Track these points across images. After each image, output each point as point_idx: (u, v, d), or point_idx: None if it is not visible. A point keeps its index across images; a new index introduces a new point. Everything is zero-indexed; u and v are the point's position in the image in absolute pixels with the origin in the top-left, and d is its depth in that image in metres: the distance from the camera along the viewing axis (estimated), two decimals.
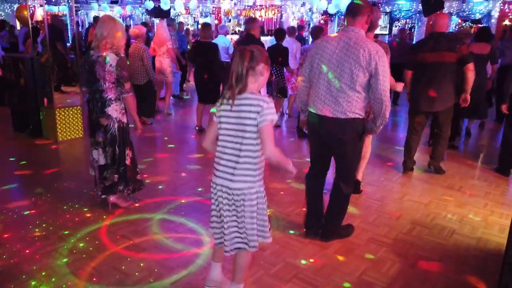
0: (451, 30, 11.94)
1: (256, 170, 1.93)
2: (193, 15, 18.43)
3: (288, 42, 6.59)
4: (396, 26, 13.57)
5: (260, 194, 1.97)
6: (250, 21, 5.46)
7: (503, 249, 2.97)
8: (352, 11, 2.67)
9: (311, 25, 14.46)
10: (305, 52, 5.64)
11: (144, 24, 13.36)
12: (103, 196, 3.37)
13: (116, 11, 17.54)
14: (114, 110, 3.17)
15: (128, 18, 20.51)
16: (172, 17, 18.68)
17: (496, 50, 6.09)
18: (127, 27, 12.44)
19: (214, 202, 2.03)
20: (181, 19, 19.11)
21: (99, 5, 16.52)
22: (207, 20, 18.48)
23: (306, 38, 12.82)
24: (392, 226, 3.29)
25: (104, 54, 3.04)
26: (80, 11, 19.32)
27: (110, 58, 3.04)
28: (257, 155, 1.92)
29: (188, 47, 10.17)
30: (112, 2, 15.56)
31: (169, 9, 14.19)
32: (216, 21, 17.87)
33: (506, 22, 11.12)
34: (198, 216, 3.35)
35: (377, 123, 2.76)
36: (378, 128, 2.81)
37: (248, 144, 1.88)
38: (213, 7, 16.77)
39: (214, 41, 6.72)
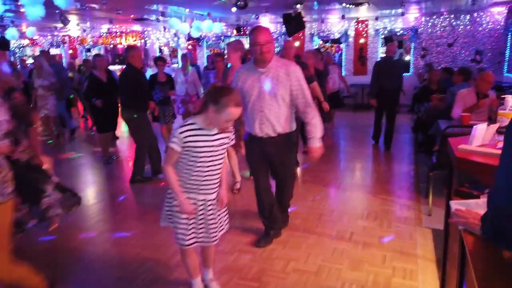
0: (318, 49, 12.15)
1: None
2: (41, 45, 15.90)
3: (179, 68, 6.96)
4: None
5: None
6: (129, 49, 4.97)
7: None
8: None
9: (180, 52, 13.52)
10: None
11: None
12: None
13: None
14: None
15: None
16: (15, 48, 15.95)
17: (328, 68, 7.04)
18: None
19: (195, 216, 2.31)
20: (28, 51, 16.46)
21: None
22: (59, 50, 16.19)
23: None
24: None
25: None
26: None
27: None
28: None
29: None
30: None
31: (8, 40, 11.80)
32: (70, 51, 15.70)
33: (362, 40, 11.70)
34: None
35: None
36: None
37: (222, 163, 2.33)
38: (63, 35, 14.62)
39: None
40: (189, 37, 12.84)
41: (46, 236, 3.56)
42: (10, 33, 10.50)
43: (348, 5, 9.13)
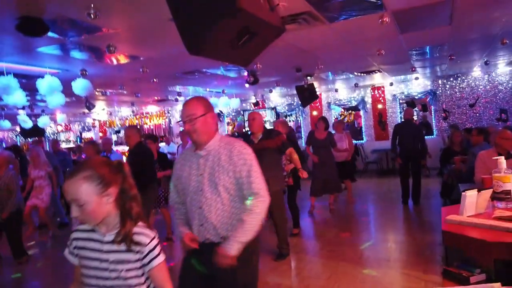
0: (336, 118, 12.23)
1: None
2: (73, 131, 16.91)
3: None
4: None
5: None
6: (127, 128, 5.08)
7: None
8: None
9: None
10: None
11: (16, 147, 11.13)
12: None
13: None
14: None
15: None
16: (50, 135, 17.01)
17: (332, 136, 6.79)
18: None
19: None
20: (62, 136, 17.48)
21: None
22: (91, 134, 17.11)
23: None
24: None
25: None
26: None
27: None
28: None
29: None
30: None
31: (43, 128, 12.62)
32: (100, 134, 16.54)
33: (380, 105, 11.69)
34: None
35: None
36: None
37: None
38: (93, 119, 15.53)
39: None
40: None
41: None
42: (42, 121, 11.21)
43: (360, 74, 9.28)
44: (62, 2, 3.38)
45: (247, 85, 8.04)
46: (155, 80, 7.09)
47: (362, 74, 9.33)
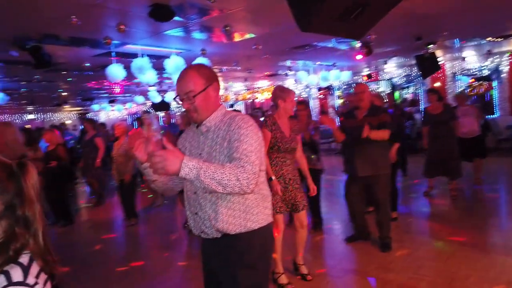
0: (463, 89, 10.99)
1: None
2: None
3: None
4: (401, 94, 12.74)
5: None
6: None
7: None
8: None
9: (311, 102, 13.86)
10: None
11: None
12: None
13: (116, 109, 17.77)
14: None
15: (133, 115, 20.87)
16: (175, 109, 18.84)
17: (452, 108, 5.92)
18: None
19: None
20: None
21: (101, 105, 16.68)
22: None
23: None
24: None
25: None
26: (88, 114, 19.72)
27: None
28: None
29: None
30: (110, 102, 15.68)
31: (168, 102, 14.11)
32: None
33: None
34: None
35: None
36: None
37: None
38: None
39: None
40: (320, 87, 13.15)
41: None
42: (169, 96, 12.51)
43: (495, 39, 8.09)
44: None
45: (359, 57, 7.70)
46: (267, 56, 7.27)
47: (498, 40, 8.12)
